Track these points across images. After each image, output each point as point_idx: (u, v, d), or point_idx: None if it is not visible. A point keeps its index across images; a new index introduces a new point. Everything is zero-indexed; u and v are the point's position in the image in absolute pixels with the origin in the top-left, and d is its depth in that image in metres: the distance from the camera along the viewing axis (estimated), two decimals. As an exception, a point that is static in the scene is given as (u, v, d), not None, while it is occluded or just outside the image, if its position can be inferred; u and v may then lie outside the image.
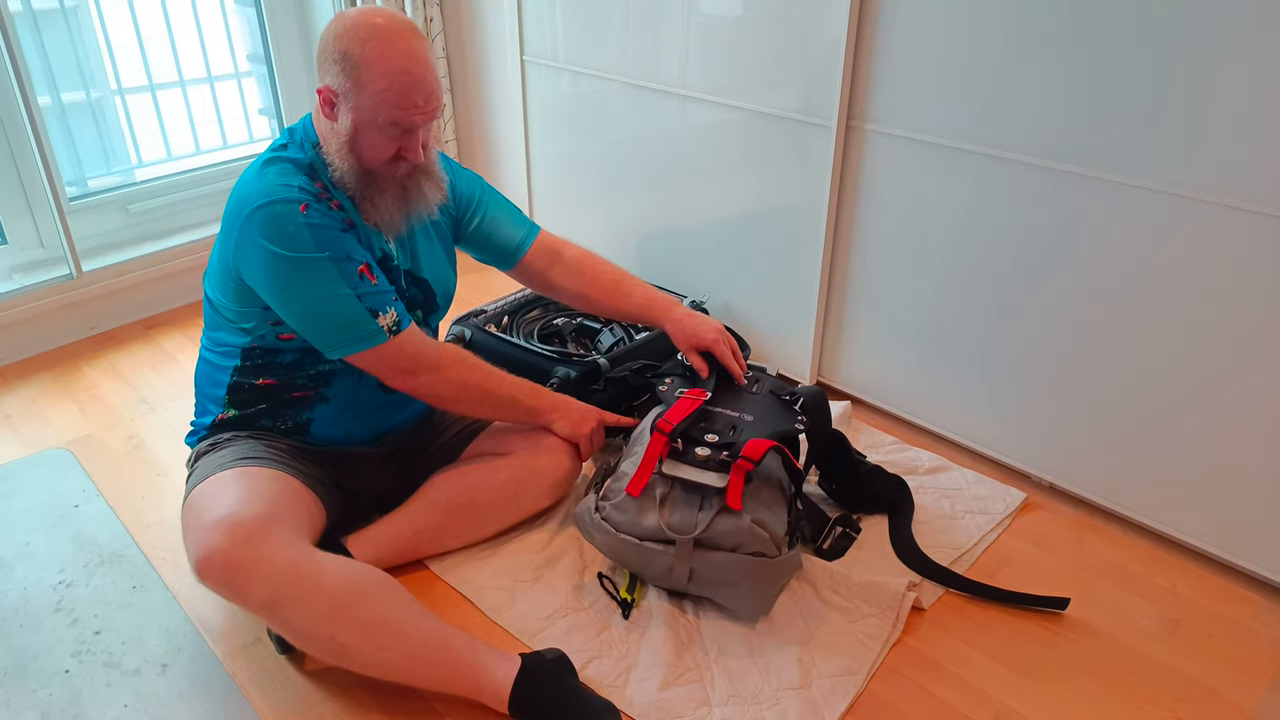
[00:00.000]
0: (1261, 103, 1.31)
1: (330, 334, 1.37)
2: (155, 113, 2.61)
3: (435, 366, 1.45)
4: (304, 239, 1.32)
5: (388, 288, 1.41)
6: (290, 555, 1.24)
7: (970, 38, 1.58)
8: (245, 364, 1.48)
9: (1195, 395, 1.52)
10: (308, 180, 1.37)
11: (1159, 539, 1.66)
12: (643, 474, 1.43)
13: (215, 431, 1.50)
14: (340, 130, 1.38)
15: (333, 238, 1.35)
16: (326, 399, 1.52)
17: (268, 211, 1.32)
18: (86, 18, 2.41)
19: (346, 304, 1.35)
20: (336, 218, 1.37)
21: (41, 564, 1.61)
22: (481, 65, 2.64)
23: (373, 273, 1.38)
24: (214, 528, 1.24)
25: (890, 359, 1.95)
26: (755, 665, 1.38)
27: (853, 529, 1.60)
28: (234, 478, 1.36)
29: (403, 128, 1.36)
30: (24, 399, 2.11)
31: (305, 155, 1.41)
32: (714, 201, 2.13)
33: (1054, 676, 1.38)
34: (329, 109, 1.38)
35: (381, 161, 1.39)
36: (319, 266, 1.33)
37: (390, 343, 1.39)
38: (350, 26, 1.33)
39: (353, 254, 1.36)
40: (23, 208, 2.29)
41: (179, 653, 1.43)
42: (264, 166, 1.38)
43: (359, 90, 1.33)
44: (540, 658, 1.29)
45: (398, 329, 1.40)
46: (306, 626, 1.22)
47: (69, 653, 1.43)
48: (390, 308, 1.39)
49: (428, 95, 1.35)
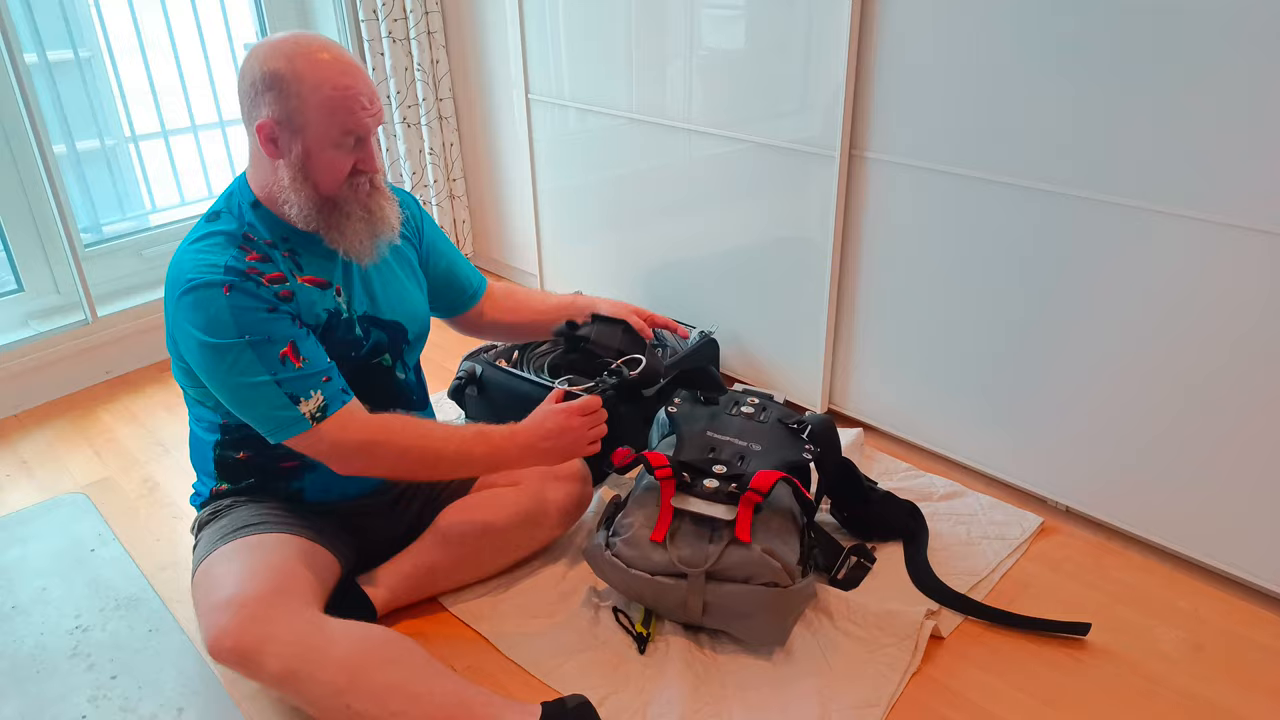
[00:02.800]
0: (1266, 124, 1.32)
1: (258, 420, 1.32)
2: (168, 158, 2.65)
3: (361, 452, 1.35)
4: (224, 321, 1.27)
5: (317, 369, 1.33)
6: (299, 629, 1.23)
7: (970, 64, 1.60)
8: (225, 438, 1.46)
9: (1211, 415, 1.51)
10: (239, 254, 1.31)
11: (1179, 561, 1.64)
12: (664, 518, 1.43)
13: (215, 499, 1.49)
14: (291, 163, 1.32)
15: (254, 320, 1.29)
16: (313, 466, 1.48)
17: (193, 296, 1.28)
18: (100, 67, 2.46)
19: (266, 391, 1.29)
20: (266, 295, 1.30)
21: (58, 609, 1.61)
22: (487, 104, 2.67)
23: (298, 355, 1.31)
24: (220, 610, 1.24)
25: (901, 385, 1.94)
26: (774, 699, 1.36)
27: (867, 559, 1.59)
28: (236, 551, 1.35)
29: (356, 136, 1.32)
30: (40, 444, 2.12)
31: (240, 222, 1.35)
32: (721, 233, 2.14)
33: (1077, 704, 1.36)
34: (271, 146, 1.31)
35: (340, 181, 1.34)
36: (237, 352, 1.28)
37: (311, 432, 1.31)
38: (273, 50, 1.28)
39: (274, 335, 1.30)
40: (38, 254, 2.32)
41: (195, 696, 1.42)
42: (194, 243, 1.33)
43: (303, 109, 1.28)
44: (562, 706, 1.27)
45: (323, 414, 1.32)
46: (320, 698, 1.22)
47: (86, 698, 1.43)
48: (316, 391, 1.32)
49: (370, 96, 1.31)
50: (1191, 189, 1.41)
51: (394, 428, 1.37)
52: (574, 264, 2.59)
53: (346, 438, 1.33)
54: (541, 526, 1.60)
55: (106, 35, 2.43)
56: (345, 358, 1.43)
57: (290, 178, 1.33)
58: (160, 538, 1.78)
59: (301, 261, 1.39)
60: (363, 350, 1.47)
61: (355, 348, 1.45)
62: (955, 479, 1.86)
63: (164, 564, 1.71)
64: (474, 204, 2.90)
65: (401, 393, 1.56)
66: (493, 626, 1.51)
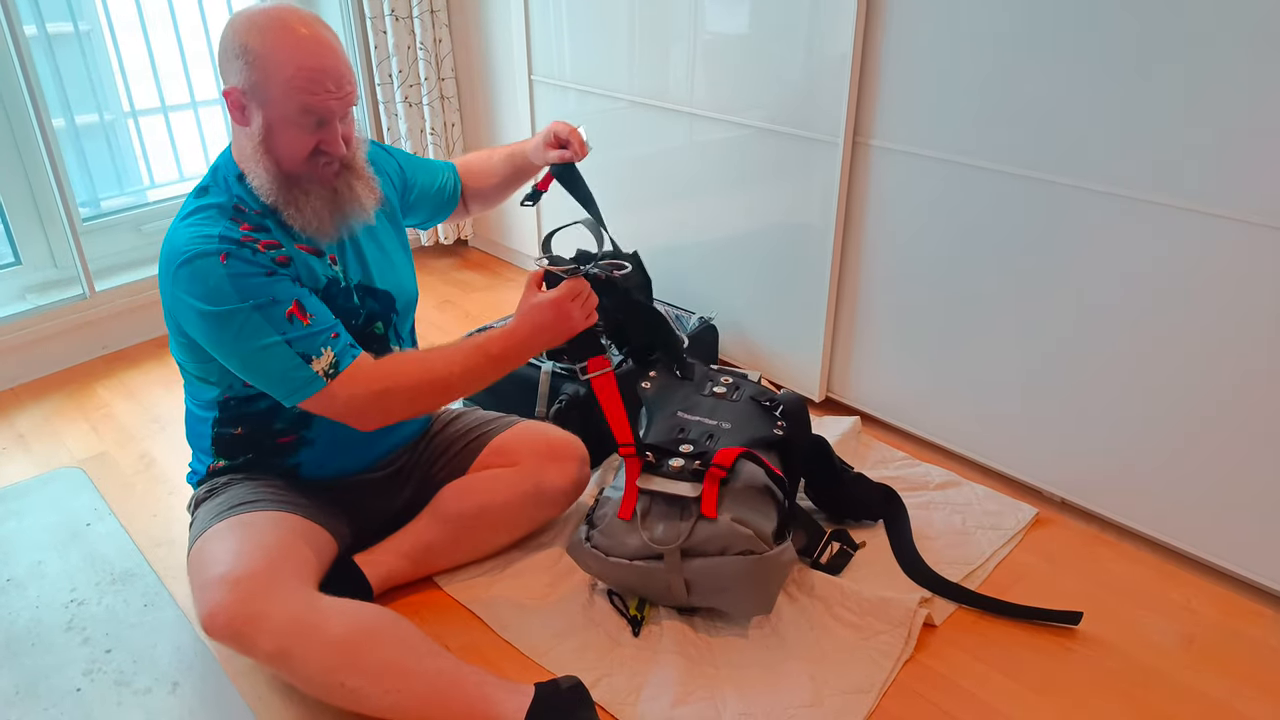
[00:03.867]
0: (1270, 116, 1.32)
1: (273, 384, 1.32)
2: (167, 134, 2.64)
3: (374, 403, 1.34)
4: (225, 290, 1.27)
5: (324, 325, 1.33)
6: (292, 606, 1.23)
7: (976, 53, 1.59)
8: (222, 415, 1.45)
9: (1207, 409, 1.51)
10: (230, 225, 1.31)
11: (1172, 554, 1.65)
12: (628, 497, 1.43)
13: (211, 477, 1.49)
14: (254, 132, 1.31)
15: (255, 285, 1.29)
16: (310, 441, 1.49)
17: (189, 268, 1.28)
18: (100, 41, 2.44)
19: (278, 352, 1.29)
20: (263, 260, 1.31)
21: (53, 583, 1.61)
22: (490, 85, 2.66)
23: (304, 311, 1.31)
24: (215, 586, 1.24)
25: (899, 374, 1.94)
26: (767, 683, 1.37)
27: (850, 545, 1.59)
28: (231, 528, 1.35)
29: (317, 117, 1.30)
30: (37, 418, 2.12)
31: (228, 195, 1.35)
32: (722, 218, 2.14)
33: (1068, 693, 1.37)
34: (239, 113, 1.31)
35: (300, 159, 1.33)
36: (244, 317, 1.28)
37: (325, 391, 1.31)
38: (250, 20, 1.28)
39: (278, 296, 1.30)
40: (36, 228, 2.31)
41: (189, 671, 1.43)
42: (185, 218, 1.33)
43: (266, 83, 1.27)
44: (555, 687, 1.28)
45: (335, 370, 1.32)
46: (314, 675, 1.22)
47: (80, 671, 1.43)
48: (326, 348, 1.32)
49: (338, 79, 1.29)
50: (1197, 183, 1.41)
51: (399, 370, 1.37)
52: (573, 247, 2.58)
53: (359, 392, 1.33)
54: (539, 506, 1.60)
55: (106, 8, 2.41)
56: (345, 326, 1.43)
57: (252, 148, 1.32)
58: (156, 513, 1.79)
59: (294, 232, 1.39)
60: (360, 319, 1.47)
61: (353, 316, 1.46)
62: (951, 469, 1.87)
63: (159, 540, 1.71)
64: (474, 185, 2.89)
65: None
66: (487, 607, 1.52)
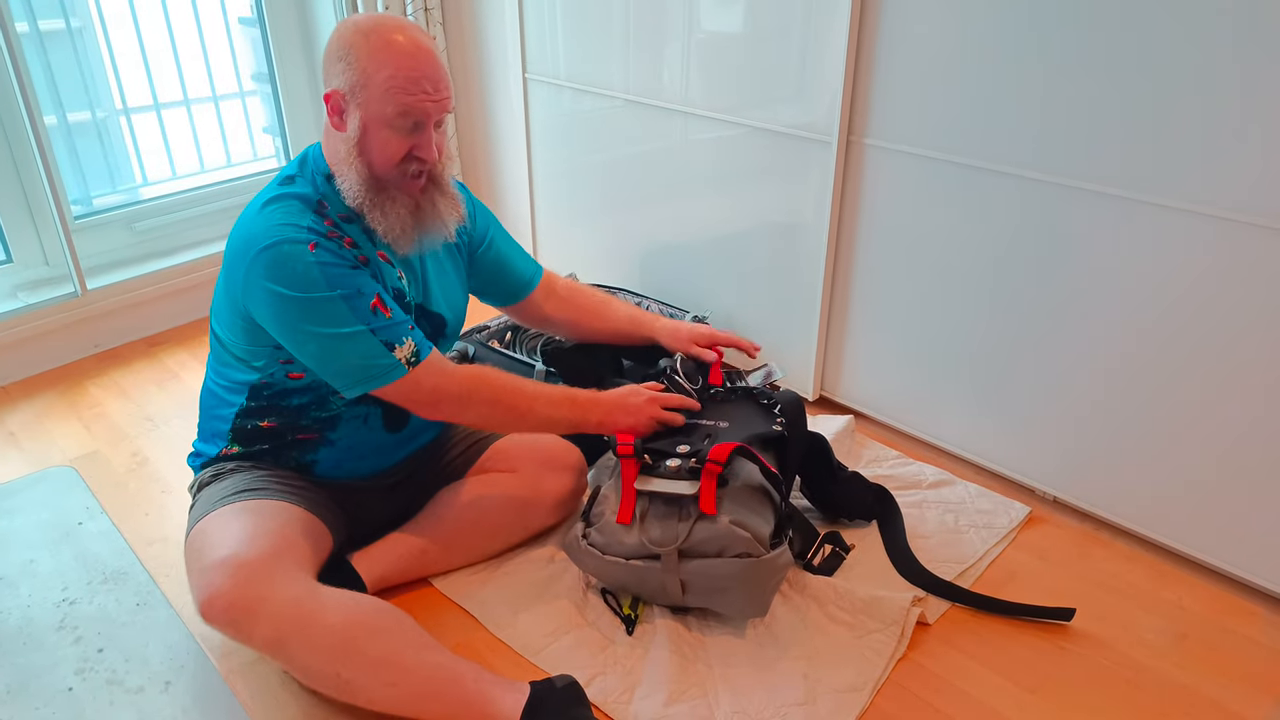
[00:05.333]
0: (1264, 116, 1.32)
1: (347, 372, 1.34)
2: (160, 131, 2.63)
3: (458, 398, 1.39)
4: (314, 278, 1.29)
5: (403, 318, 1.36)
6: (293, 594, 1.23)
7: (971, 53, 1.59)
8: (251, 404, 1.45)
9: (1200, 408, 1.52)
10: (316, 219, 1.34)
11: (1164, 552, 1.65)
12: (626, 500, 1.43)
13: (219, 461, 1.49)
14: (350, 136, 1.34)
15: (343, 275, 1.31)
16: (331, 442, 1.49)
17: (274, 252, 1.29)
18: (92, 38, 2.43)
19: (361, 341, 1.32)
20: (348, 255, 1.33)
21: (45, 582, 1.61)
22: (484, 82, 2.66)
23: (385, 305, 1.34)
24: (216, 569, 1.23)
25: (893, 373, 1.95)
26: (760, 681, 1.37)
27: (842, 548, 1.60)
28: (235, 513, 1.34)
29: (413, 119, 1.32)
30: (28, 416, 2.11)
31: (315, 190, 1.37)
32: (716, 217, 2.14)
33: (1060, 691, 1.38)
34: (338, 117, 1.34)
35: (393, 163, 1.35)
36: (331, 305, 1.30)
37: (408, 377, 1.35)
38: (355, 26, 1.31)
39: (364, 289, 1.33)
40: (28, 226, 2.30)
41: (182, 670, 1.43)
42: (268, 204, 1.34)
43: (365, 84, 1.30)
44: (550, 686, 1.27)
45: (416, 359, 1.36)
46: (311, 665, 1.22)
47: (72, 670, 1.43)
48: (407, 338, 1.35)
49: (435, 83, 1.32)
50: (1192, 184, 1.41)
51: (490, 380, 1.42)
52: (569, 245, 2.59)
53: (444, 383, 1.38)
54: (535, 514, 1.60)
55: (99, 5, 2.40)
56: None
57: (346, 151, 1.35)
58: (148, 512, 1.78)
59: (375, 238, 1.40)
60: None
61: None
62: (944, 467, 1.87)
63: (152, 538, 1.71)
64: (468, 183, 2.89)
65: None
66: (481, 605, 1.52)
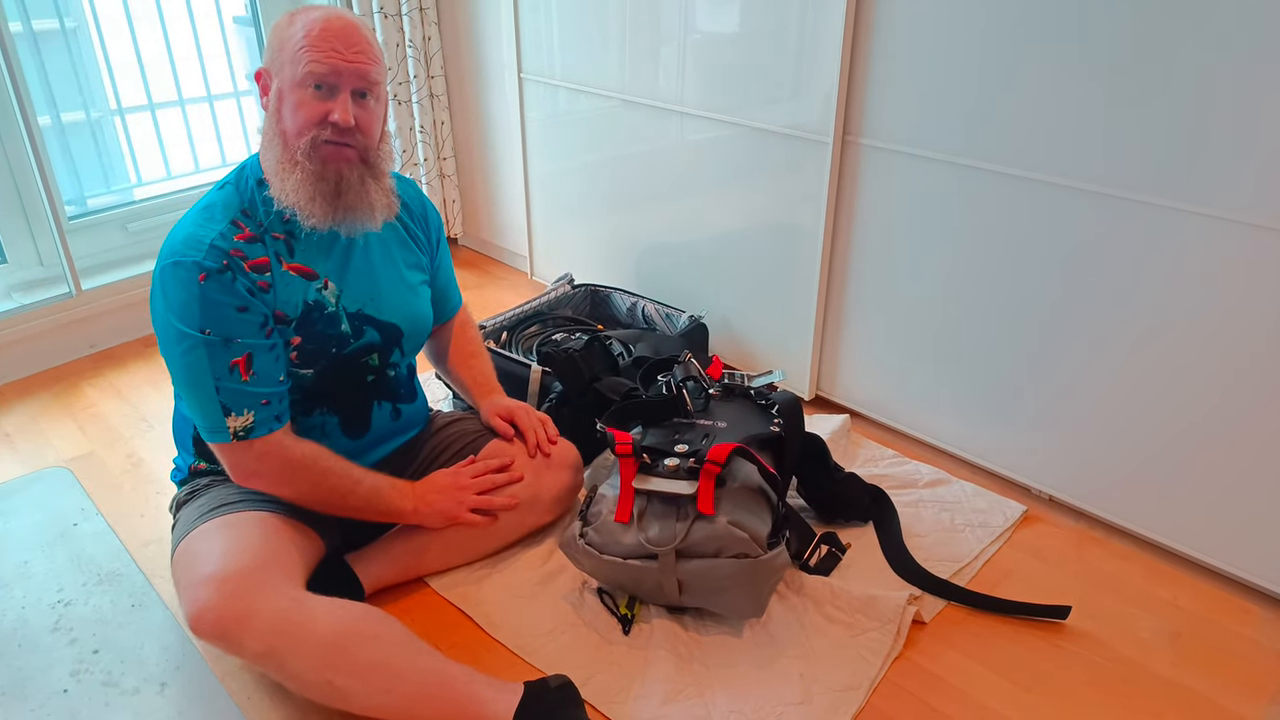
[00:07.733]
0: (1265, 116, 1.32)
1: (193, 411, 1.34)
2: (155, 132, 2.63)
3: (278, 479, 1.37)
4: (191, 310, 1.27)
5: (260, 389, 1.32)
6: (280, 605, 1.23)
7: (966, 52, 1.59)
8: None
9: (1196, 407, 1.52)
10: (230, 227, 1.32)
11: (1160, 551, 1.66)
12: (624, 499, 1.43)
13: (193, 477, 1.48)
14: (270, 111, 1.34)
15: (221, 317, 1.29)
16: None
17: (169, 269, 1.28)
18: (86, 38, 2.42)
19: (202, 393, 1.30)
20: (240, 289, 1.30)
21: (40, 583, 1.60)
22: (479, 83, 2.65)
23: (249, 368, 1.31)
24: (202, 585, 1.23)
25: (888, 372, 1.95)
26: (756, 681, 1.37)
27: (838, 548, 1.60)
28: (216, 529, 1.34)
29: (323, 79, 1.29)
30: (23, 417, 2.11)
31: (241, 196, 1.36)
32: (712, 217, 2.14)
33: (1055, 690, 1.38)
34: (265, 96, 1.35)
35: (308, 126, 1.31)
36: (192, 344, 1.28)
37: (229, 447, 1.34)
38: (287, 13, 1.34)
39: (236, 338, 1.30)
40: (22, 226, 2.30)
41: (177, 671, 1.42)
42: (195, 210, 1.34)
43: (280, 50, 1.31)
44: (544, 686, 1.27)
45: (245, 434, 1.32)
46: (303, 674, 1.22)
47: (67, 672, 1.43)
48: (249, 411, 1.32)
49: (349, 42, 1.30)
50: (1189, 184, 1.42)
51: (315, 461, 1.39)
52: (564, 246, 2.59)
53: (266, 467, 1.36)
54: (533, 512, 1.60)
55: (93, 5, 2.40)
56: (324, 353, 1.41)
57: (268, 127, 1.35)
58: (144, 513, 1.78)
59: (296, 247, 1.38)
60: (348, 347, 1.44)
61: (338, 344, 1.43)
62: (940, 466, 1.87)
63: (147, 540, 1.70)
64: (464, 184, 2.89)
65: (388, 389, 1.54)
66: (477, 605, 1.52)
